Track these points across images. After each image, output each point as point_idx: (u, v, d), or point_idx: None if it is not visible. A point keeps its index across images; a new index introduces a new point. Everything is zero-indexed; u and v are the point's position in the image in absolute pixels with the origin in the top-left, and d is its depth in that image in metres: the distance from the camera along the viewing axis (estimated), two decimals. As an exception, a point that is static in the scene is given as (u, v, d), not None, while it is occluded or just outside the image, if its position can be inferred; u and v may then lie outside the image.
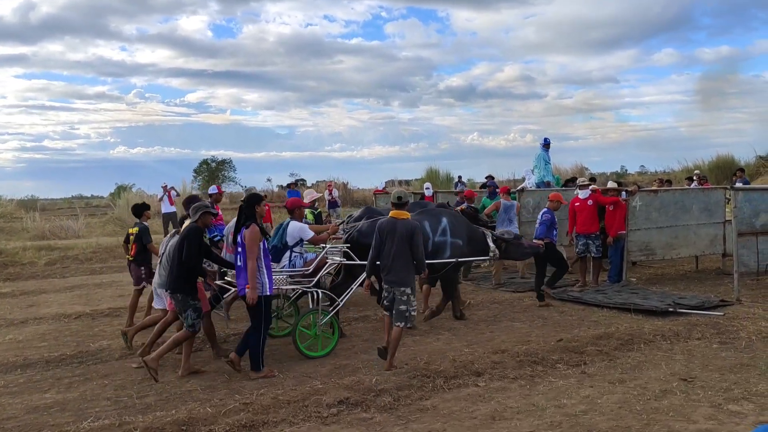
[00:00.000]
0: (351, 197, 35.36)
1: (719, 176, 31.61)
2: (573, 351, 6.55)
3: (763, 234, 8.96)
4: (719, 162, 36.96)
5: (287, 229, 7.22)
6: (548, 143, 13.96)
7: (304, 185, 42.34)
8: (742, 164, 36.08)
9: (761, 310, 8.19)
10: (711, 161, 37.52)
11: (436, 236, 7.99)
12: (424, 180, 32.11)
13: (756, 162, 34.95)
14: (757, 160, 35.20)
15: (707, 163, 37.02)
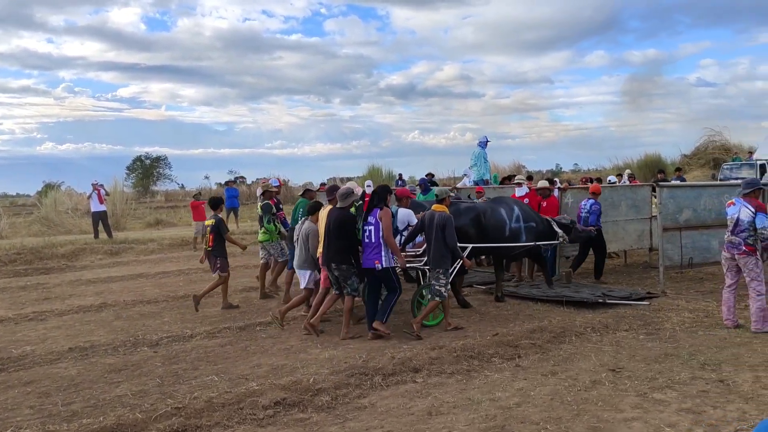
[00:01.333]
0: (292, 195, 34.97)
1: (647, 174, 33.02)
2: (508, 345, 6.68)
3: (686, 229, 9.40)
4: (648, 160, 38.60)
5: (397, 215, 7.98)
6: (486, 142, 14.21)
7: (243, 183, 41.70)
8: (668, 162, 37.81)
9: (684, 301, 8.59)
10: (640, 159, 39.15)
11: (512, 223, 9.01)
12: (365, 177, 32.15)
13: (681, 160, 36.69)
14: (682, 158, 36.96)
15: (636, 162, 38.61)
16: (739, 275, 7.16)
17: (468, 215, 8.72)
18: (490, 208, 9.05)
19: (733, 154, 32.60)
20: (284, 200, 34.54)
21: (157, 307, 9.79)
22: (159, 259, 15.91)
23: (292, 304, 8.23)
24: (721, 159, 31.70)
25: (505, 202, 9.37)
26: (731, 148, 35.60)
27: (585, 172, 46.34)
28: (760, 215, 6.88)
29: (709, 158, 33.66)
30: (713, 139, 36.81)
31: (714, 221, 9.46)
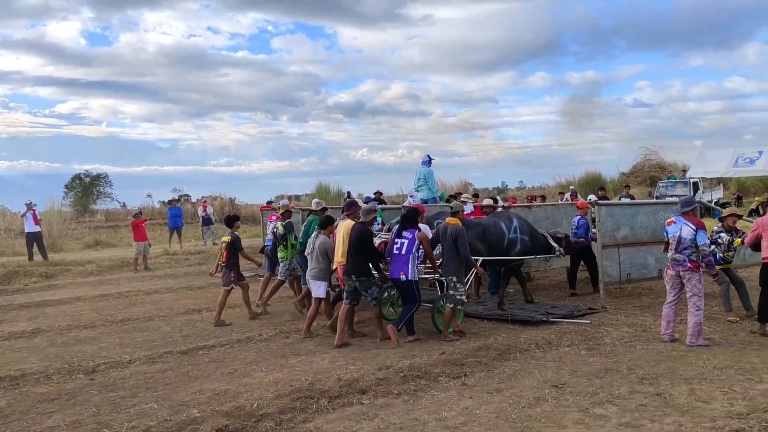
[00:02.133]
0: (238, 213, 34.45)
1: (588, 191, 34.05)
2: (454, 363, 6.71)
3: (624, 246, 9.71)
4: (588, 178, 39.81)
5: None
6: (430, 160, 14.37)
7: (187, 201, 40.82)
8: (608, 180, 39.11)
9: (623, 316, 8.85)
10: (581, 177, 40.37)
11: (510, 233, 9.56)
12: (314, 195, 32.00)
13: (619, 178, 38.02)
14: (621, 176, 38.30)
15: (578, 179, 39.78)
16: (680, 291, 7.40)
17: (476, 230, 9.31)
18: (493, 222, 9.70)
19: (668, 172, 34.01)
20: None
21: (94, 332, 9.42)
22: (98, 282, 15.36)
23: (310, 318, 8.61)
24: (657, 177, 33.03)
25: (505, 216, 10.08)
26: (666, 167, 37.15)
27: (530, 190, 47.46)
28: (701, 232, 7.16)
29: (646, 176, 35.02)
30: (649, 158, 38.36)
31: (650, 238, 9.81)
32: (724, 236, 8.38)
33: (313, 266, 8.47)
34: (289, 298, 11.75)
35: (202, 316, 10.40)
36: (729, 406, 5.20)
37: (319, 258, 8.40)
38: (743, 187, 33.35)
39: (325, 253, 8.40)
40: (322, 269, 8.42)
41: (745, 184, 33.45)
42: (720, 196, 28.17)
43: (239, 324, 9.60)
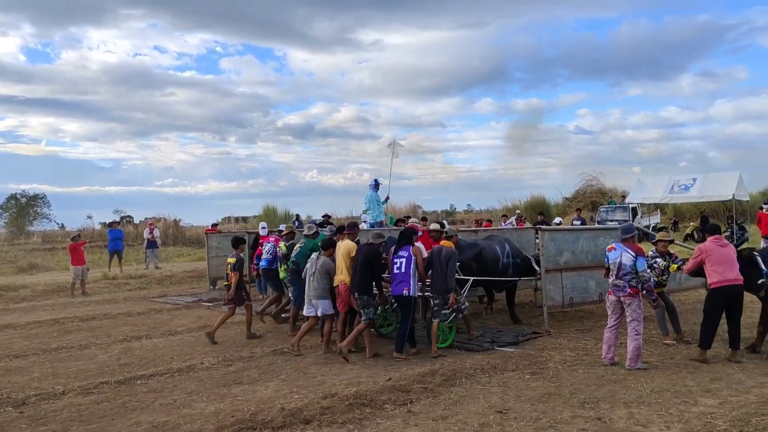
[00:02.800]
0: (183, 235, 33.67)
1: (533, 215, 34.85)
2: (400, 390, 6.68)
3: (566, 270, 9.93)
4: (533, 202, 40.77)
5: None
6: (378, 184, 14.43)
7: (130, 222, 39.69)
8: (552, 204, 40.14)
9: (566, 340, 9.01)
10: (527, 201, 41.30)
11: (504, 258, 10.15)
12: (261, 218, 31.61)
13: (563, 203, 39.10)
14: (564, 201, 39.40)
15: (523, 203, 40.69)
16: (621, 316, 7.57)
17: (472, 251, 9.97)
18: (488, 245, 10.28)
19: (609, 197, 35.18)
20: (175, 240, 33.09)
21: (25, 362, 8.97)
22: (31, 308, 14.67)
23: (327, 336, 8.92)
24: (599, 202, 34.11)
25: (499, 240, 10.68)
26: (607, 192, 38.44)
27: (477, 213, 48.25)
28: (641, 259, 7.38)
29: (588, 201, 36.11)
30: (591, 184, 39.63)
31: (590, 263, 10.07)
32: (660, 261, 8.67)
33: (316, 286, 8.76)
34: (237, 324, 11.52)
35: (142, 343, 10.05)
36: (666, 429, 5.34)
37: (321, 278, 8.73)
38: (679, 212, 34.75)
39: (326, 273, 8.75)
40: (324, 288, 8.77)
41: (680, 210, 34.85)
42: (657, 221, 29.25)
43: (182, 352, 9.33)
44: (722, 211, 30.38)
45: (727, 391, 6.34)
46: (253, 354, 8.94)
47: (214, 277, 16.89)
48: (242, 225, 35.03)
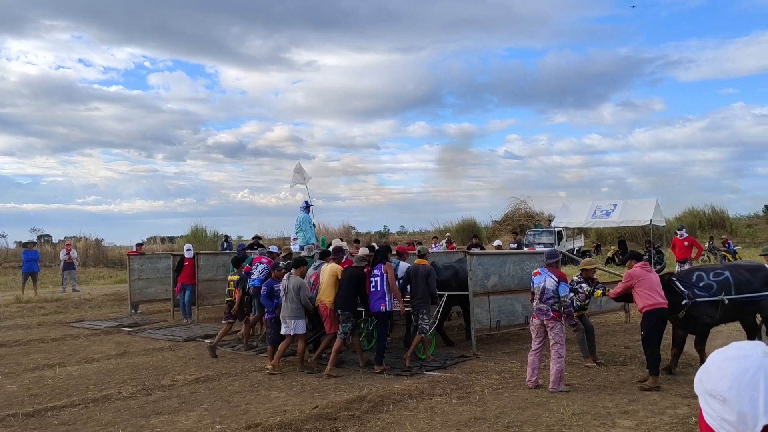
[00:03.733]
0: (105, 256, 32.26)
1: (464, 237, 35.49)
2: (327, 418, 6.56)
3: (493, 294, 10.11)
4: (464, 224, 41.54)
5: (399, 267, 9.84)
6: (309, 206, 14.33)
7: (48, 242, 37.73)
8: (482, 227, 41.00)
9: (493, 363, 9.14)
10: (458, 223, 42.03)
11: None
12: (188, 238, 30.74)
13: (492, 226, 40.01)
14: (493, 224, 40.34)
15: (455, 225, 41.38)
16: (545, 339, 7.75)
17: (449, 271, 10.93)
18: (462, 267, 10.75)
19: (536, 221, 36.27)
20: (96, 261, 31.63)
21: None
22: (-68, 334, 13.61)
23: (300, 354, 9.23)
24: (526, 225, 35.07)
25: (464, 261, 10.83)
26: (534, 216, 39.61)
27: (410, 235, 48.68)
28: (563, 284, 7.61)
29: (516, 224, 37.06)
30: (519, 207, 40.75)
31: (517, 286, 10.30)
32: (585, 286, 8.95)
33: (290, 306, 8.95)
34: (159, 350, 11.09)
35: (55, 372, 9.49)
36: (585, 451, 5.46)
37: (293, 297, 8.91)
38: (601, 236, 36.18)
39: (298, 291, 8.93)
40: (297, 308, 8.96)
41: (602, 234, 36.31)
42: (581, 245, 30.34)
43: (99, 381, 8.86)
44: (641, 235, 31.86)
45: (643, 413, 6.57)
46: (175, 382, 8.60)
47: (136, 300, 16.25)
48: (168, 246, 33.93)
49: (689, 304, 7.80)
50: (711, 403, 1.13)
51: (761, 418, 1.03)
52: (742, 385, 1.07)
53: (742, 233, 38.08)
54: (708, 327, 8.11)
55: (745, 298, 8.07)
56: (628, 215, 25.83)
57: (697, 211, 40.37)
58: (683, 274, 8.43)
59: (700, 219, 38.62)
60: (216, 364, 9.67)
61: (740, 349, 1.14)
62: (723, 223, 38.66)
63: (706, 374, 1.18)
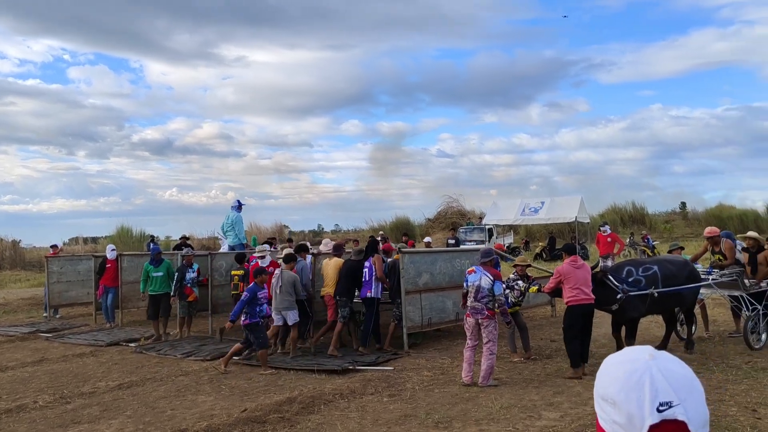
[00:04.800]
0: (22, 258, 30.61)
1: (398, 235, 35.72)
2: (255, 421, 6.44)
3: (425, 291, 10.19)
4: (398, 223, 41.82)
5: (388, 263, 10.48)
6: (240, 205, 14.05)
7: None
8: (416, 225, 41.42)
9: (424, 360, 9.21)
10: (392, 222, 42.28)
11: None
12: (112, 239, 29.58)
13: (426, 224, 40.47)
14: (427, 222, 40.82)
15: (389, 223, 41.61)
16: (480, 336, 7.83)
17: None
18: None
19: (468, 219, 36.93)
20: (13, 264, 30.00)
21: None
22: None
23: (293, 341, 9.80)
24: (459, 223, 35.64)
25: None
26: (466, 214, 40.32)
27: (345, 233, 48.58)
28: (498, 283, 7.70)
29: (449, 222, 37.63)
30: (451, 205, 41.39)
31: (448, 284, 10.42)
32: (521, 283, 9.13)
33: (283, 298, 9.57)
34: (78, 356, 10.60)
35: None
36: (512, 444, 5.58)
37: (287, 291, 9.58)
38: (530, 233, 37.23)
39: (291, 285, 9.63)
40: (290, 300, 9.62)
41: (531, 230, 37.37)
42: (511, 241, 31.12)
43: (13, 390, 8.37)
44: (567, 231, 32.99)
45: (568, 404, 6.77)
46: (96, 389, 8.24)
47: (56, 304, 15.49)
48: (92, 247, 32.54)
49: (623, 298, 8.14)
50: (603, 407, 1.19)
51: (647, 419, 1.09)
52: (629, 388, 1.13)
53: (660, 229, 40.05)
54: (635, 320, 8.45)
55: (674, 290, 8.47)
56: (555, 212, 26.71)
57: (619, 208, 42.17)
58: (614, 269, 8.73)
59: (621, 215, 40.38)
60: (140, 369, 9.33)
61: (629, 353, 1.20)
62: (643, 219, 40.58)
63: (599, 379, 1.24)
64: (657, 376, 1.13)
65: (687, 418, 1.10)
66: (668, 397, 1.11)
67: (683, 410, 1.11)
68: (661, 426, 1.10)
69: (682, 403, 1.11)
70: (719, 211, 41.89)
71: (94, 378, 8.95)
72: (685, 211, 45.50)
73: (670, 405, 1.10)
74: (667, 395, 1.11)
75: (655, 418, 1.10)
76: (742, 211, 41.70)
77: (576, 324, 7.93)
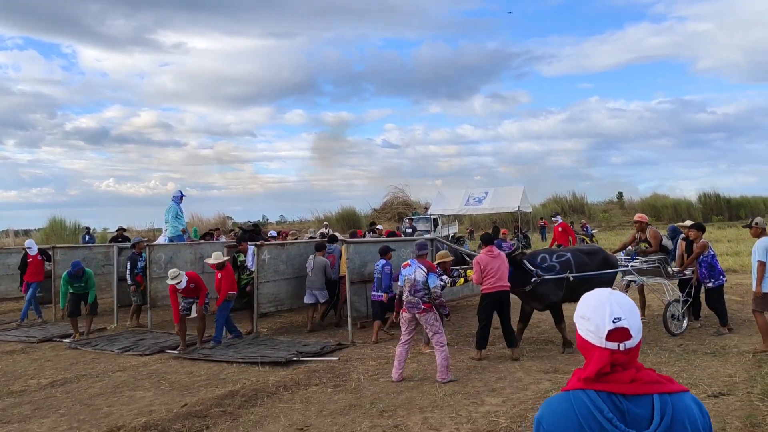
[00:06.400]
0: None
1: (344, 225, 35.64)
2: (196, 416, 6.29)
3: (370, 281, 10.18)
4: (344, 213, 41.72)
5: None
6: (181, 197, 13.65)
7: None
8: (362, 215, 41.39)
9: (369, 350, 9.21)
10: (337, 212, 42.14)
11: None
12: (46, 231, 28.38)
13: (372, 214, 40.50)
14: (373, 212, 40.87)
15: (335, 214, 41.46)
16: (414, 333, 7.76)
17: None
18: None
19: (413, 209, 37.17)
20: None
21: None
22: None
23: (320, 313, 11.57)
24: (405, 213, 35.84)
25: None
26: (412, 204, 40.61)
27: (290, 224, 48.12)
28: (432, 275, 7.56)
29: (395, 212, 37.86)
30: (397, 196, 41.62)
31: (394, 274, 10.42)
32: (446, 278, 9.21)
33: (315, 279, 10.84)
34: (8, 353, 10.12)
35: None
36: (456, 431, 5.64)
37: (318, 273, 10.81)
38: (474, 222, 37.83)
39: (323, 269, 10.78)
40: (322, 281, 10.83)
41: (476, 220, 37.96)
42: (455, 231, 31.51)
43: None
44: (510, 221, 33.64)
45: (510, 390, 6.90)
46: (27, 387, 7.89)
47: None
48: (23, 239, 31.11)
49: (537, 281, 8.50)
50: (581, 322, 1.89)
51: (607, 326, 1.82)
52: (597, 307, 1.86)
53: (599, 218, 41.36)
54: (556, 304, 8.69)
55: (588, 276, 8.74)
56: (498, 202, 27.15)
57: (560, 198, 43.29)
58: (530, 255, 9.00)
59: (562, 205, 41.49)
60: (75, 366, 8.99)
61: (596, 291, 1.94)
62: (583, 208, 41.86)
63: (579, 306, 1.94)
64: (613, 302, 1.86)
65: (629, 326, 1.82)
66: (619, 314, 1.83)
67: (628, 323, 1.82)
68: (614, 331, 1.81)
69: (627, 318, 1.83)
70: (654, 201, 43.67)
71: (24, 376, 8.56)
72: (622, 201, 47.16)
73: (620, 319, 1.82)
74: (619, 313, 1.83)
75: (611, 326, 1.81)
76: (676, 201, 43.61)
77: (486, 311, 8.31)
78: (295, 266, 11.09)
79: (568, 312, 9.11)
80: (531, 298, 8.74)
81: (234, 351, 9.29)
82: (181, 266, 11.94)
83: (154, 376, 8.24)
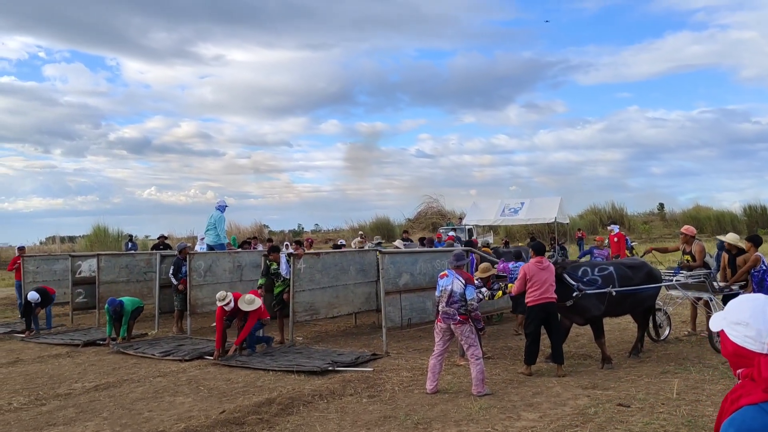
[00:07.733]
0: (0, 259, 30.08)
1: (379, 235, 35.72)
2: (234, 423, 6.39)
3: (405, 292, 10.20)
4: (378, 223, 41.84)
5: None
6: (225, 206, 13.96)
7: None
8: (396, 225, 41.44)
9: (404, 360, 9.20)
10: (372, 221, 42.29)
11: None
12: (90, 238, 29.16)
13: (406, 224, 40.50)
14: (407, 222, 40.88)
15: (369, 223, 41.61)
16: (448, 344, 7.72)
17: None
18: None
19: (448, 219, 37.07)
20: None
21: None
22: None
23: None
24: (439, 223, 35.79)
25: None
26: (446, 214, 40.49)
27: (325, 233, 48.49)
28: (470, 287, 7.52)
29: (429, 222, 37.80)
30: (431, 206, 41.57)
31: (428, 284, 10.44)
32: (485, 290, 9.01)
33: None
34: (54, 357, 10.44)
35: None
36: (491, 445, 5.60)
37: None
38: (510, 233, 37.49)
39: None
40: None
41: (511, 231, 37.63)
42: (491, 241, 31.29)
43: None
44: (546, 232, 33.23)
45: (547, 405, 6.81)
46: (72, 391, 8.12)
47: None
48: (69, 246, 32.06)
49: (579, 295, 8.30)
50: (736, 328, 1.90)
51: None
52: (757, 313, 1.87)
53: (639, 229, 40.53)
54: (597, 318, 8.53)
55: (629, 291, 8.58)
56: (534, 213, 26.86)
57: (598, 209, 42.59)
58: (571, 269, 8.78)
59: (600, 216, 40.81)
60: (117, 370, 9.22)
61: (750, 296, 1.95)
62: (622, 220, 41.04)
63: (729, 313, 1.96)
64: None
65: None
66: None
67: None
68: None
69: None
70: (696, 212, 42.56)
71: (69, 379, 8.81)
72: (663, 212, 46.13)
73: None
74: None
75: None
76: (720, 212, 42.41)
77: (534, 324, 8.13)
78: (330, 275, 11.18)
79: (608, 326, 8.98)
80: (571, 312, 8.57)
81: (270, 359, 9.41)
82: (220, 275, 12.16)
83: (193, 382, 8.40)
